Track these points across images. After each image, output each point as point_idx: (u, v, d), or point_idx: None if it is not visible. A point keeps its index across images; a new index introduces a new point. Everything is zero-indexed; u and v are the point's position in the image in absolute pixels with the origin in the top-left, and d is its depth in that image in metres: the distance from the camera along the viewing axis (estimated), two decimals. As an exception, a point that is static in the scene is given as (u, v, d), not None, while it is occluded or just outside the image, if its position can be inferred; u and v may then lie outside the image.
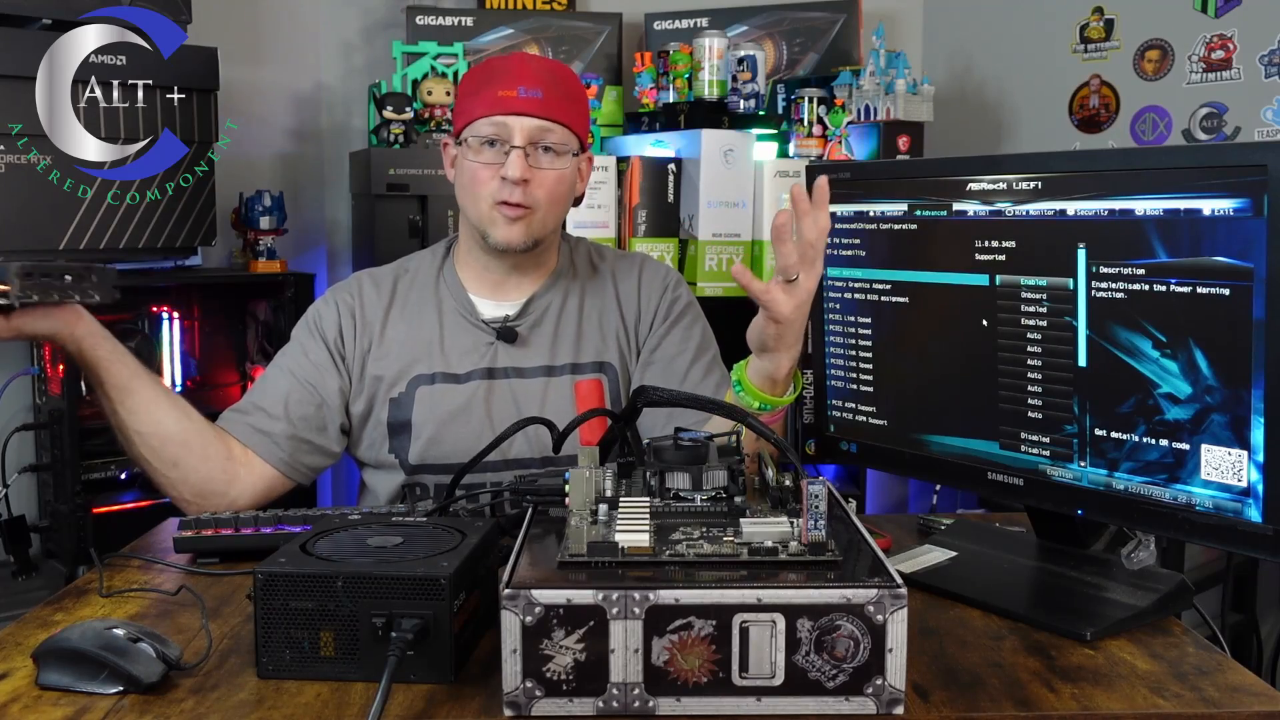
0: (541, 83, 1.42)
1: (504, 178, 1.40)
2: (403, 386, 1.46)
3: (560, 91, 1.44)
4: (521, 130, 1.40)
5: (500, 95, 1.41)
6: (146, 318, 2.43)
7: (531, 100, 1.40)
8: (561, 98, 1.43)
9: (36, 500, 2.37)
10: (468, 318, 1.49)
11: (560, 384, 1.47)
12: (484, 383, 1.47)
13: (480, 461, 1.27)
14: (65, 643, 0.92)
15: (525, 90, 1.40)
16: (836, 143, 2.46)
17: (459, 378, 1.47)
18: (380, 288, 1.52)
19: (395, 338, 1.48)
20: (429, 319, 1.49)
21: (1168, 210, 1.03)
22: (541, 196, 1.42)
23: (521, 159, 1.39)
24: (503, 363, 1.47)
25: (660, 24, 2.86)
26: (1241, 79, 2.46)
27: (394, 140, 2.40)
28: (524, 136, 1.40)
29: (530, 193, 1.41)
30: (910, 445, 1.29)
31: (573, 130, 1.44)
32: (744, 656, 0.83)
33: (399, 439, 1.46)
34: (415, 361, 1.47)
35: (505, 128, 1.40)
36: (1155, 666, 0.96)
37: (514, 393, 1.46)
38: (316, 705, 0.87)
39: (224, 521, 1.24)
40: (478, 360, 1.47)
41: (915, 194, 1.24)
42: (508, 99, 1.40)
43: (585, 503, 0.97)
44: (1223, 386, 1.00)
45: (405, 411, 1.46)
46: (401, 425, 1.46)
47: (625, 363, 1.51)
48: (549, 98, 1.41)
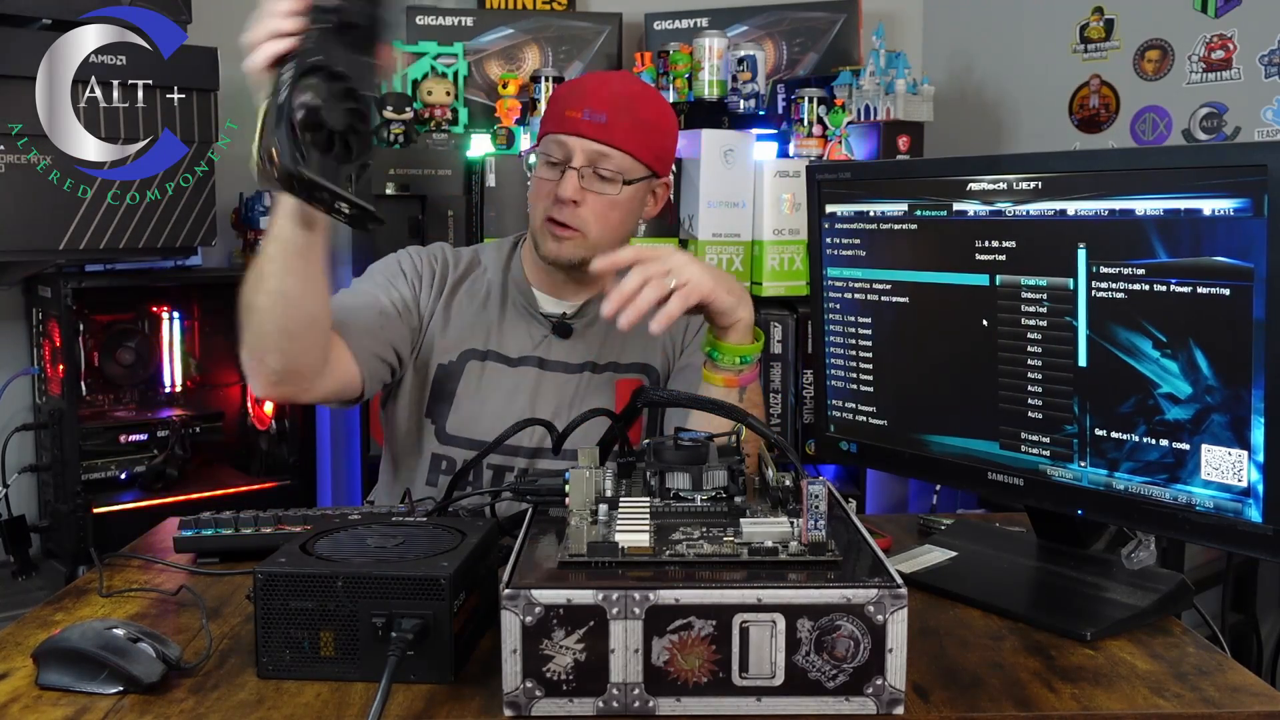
0: (609, 107, 1.43)
1: (557, 197, 1.43)
2: (454, 356, 1.49)
3: (628, 118, 1.45)
4: (579, 151, 1.43)
5: (567, 115, 1.44)
6: (146, 318, 2.43)
7: (594, 124, 1.43)
8: (630, 124, 1.44)
9: (36, 500, 2.37)
10: (528, 308, 1.53)
11: (601, 381, 1.51)
12: (534, 370, 1.50)
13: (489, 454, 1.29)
14: (65, 643, 0.92)
15: (589, 113, 1.43)
16: (836, 143, 2.46)
17: (511, 360, 1.50)
18: (459, 261, 1.56)
19: (459, 309, 1.52)
20: (493, 302, 1.53)
21: (1168, 210, 1.03)
22: (590, 219, 1.44)
23: (574, 180, 1.42)
24: (554, 356, 1.51)
25: (660, 24, 2.85)
26: (1241, 79, 2.46)
27: (394, 140, 2.40)
28: (581, 158, 1.43)
29: (579, 214, 1.44)
30: (910, 445, 1.29)
31: (636, 158, 1.45)
32: (744, 656, 0.83)
33: (438, 405, 1.49)
34: (472, 335, 1.50)
35: (565, 147, 1.44)
36: (1155, 666, 0.96)
37: (558, 385, 1.50)
38: (316, 705, 0.87)
39: (224, 521, 1.24)
40: (531, 349, 1.51)
41: (915, 194, 1.24)
42: (572, 119, 1.43)
43: (585, 503, 0.96)
44: (1223, 386, 1.00)
45: (451, 381, 1.49)
46: (445, 393, 1.49)
47: (668, 368, 1.56)
48: (613, 123, 1.43)
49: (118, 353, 2.36)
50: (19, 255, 2.10)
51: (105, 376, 2.37)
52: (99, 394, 2.38)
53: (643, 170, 1.47)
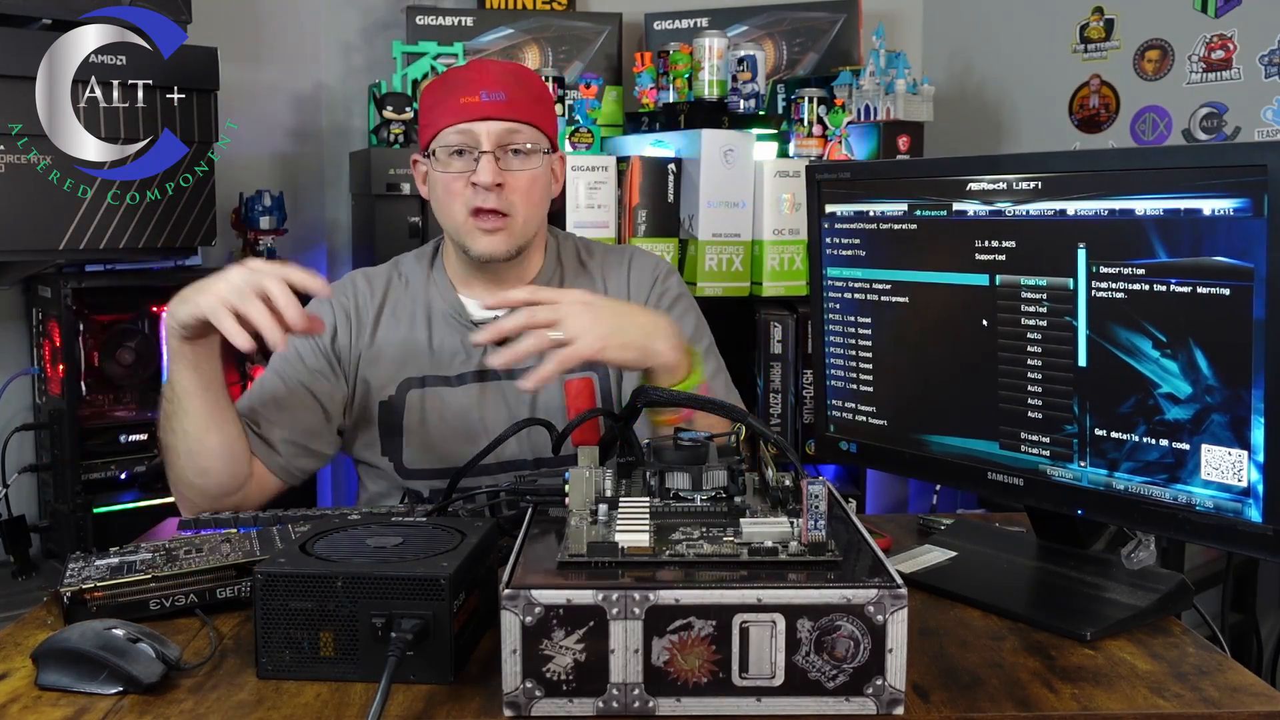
0: (504, 85, 1.40)
1: (475, 184, 1.38)
2: (393, 389, 1.45)
3: (524, 92, 1.42)
4: (489, 134, 1.38)
5: (463, 102, 1.39)
6: (146, 318, 2.42)
7: (495, 103, 1.38)
8: (526, 98, 1.41)
9: (36, 500, 2.37)
10: (458, 319, 1.48)
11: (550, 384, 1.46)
12: (476, 385, 1.45)
13: (477, 464, 1.27)
14: (65, 643, 0.92)
15: (488, 94, 1.38)
16: (836, 143, 2.46)
17: (450, 380, 1.46)
18: (374, 287, 1.51)
19: (386, 339, 1.47)
20: (419, 321, 1.48)
21: (1168, 210, 1.03)
22: (517, 200, 1.40)
23: (492, 163, 1.38)
24: (491, 364, 1.45)
25: (660, 24, 2.85)
26: (1241, 79, 2.46)
27: (394, 140, 2.40)
28: (492, 141, 1.38)
29: (505, 197, 1.39)
30: (910, 445, 1.29)
31: (541, 130, 1.42)
32: (744, 657, 0.83)
33: (391, 442, 1.45)
34: (405, 364, 1.46)
35: (471, 134, 1.39)
36: (1155, 666, 0.96)
37: (505, 394, 1.45)
38: (316, 705, 0.87)
39: (224, 521, 1.24)
40: (467, 362, 1.46)
41: (915, 194, 1.24)
42: (471, 105, 1.38)
43: (585, 503, 0.96)
44: (1223, 386, 1.00)
45: (396, 415, 1.45)
46: (393, 428, 1.45)
47: None
48: (513, 99, 1.40)
49: (118, 353, 2.36)
50: (19, 255, 2.10)
51: (105, 376, 2.36)
52: (99, 394, 2.38)
53: (547, 143, 1.43)
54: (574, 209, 2.33)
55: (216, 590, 1.06)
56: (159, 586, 1.03)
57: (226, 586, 1.06)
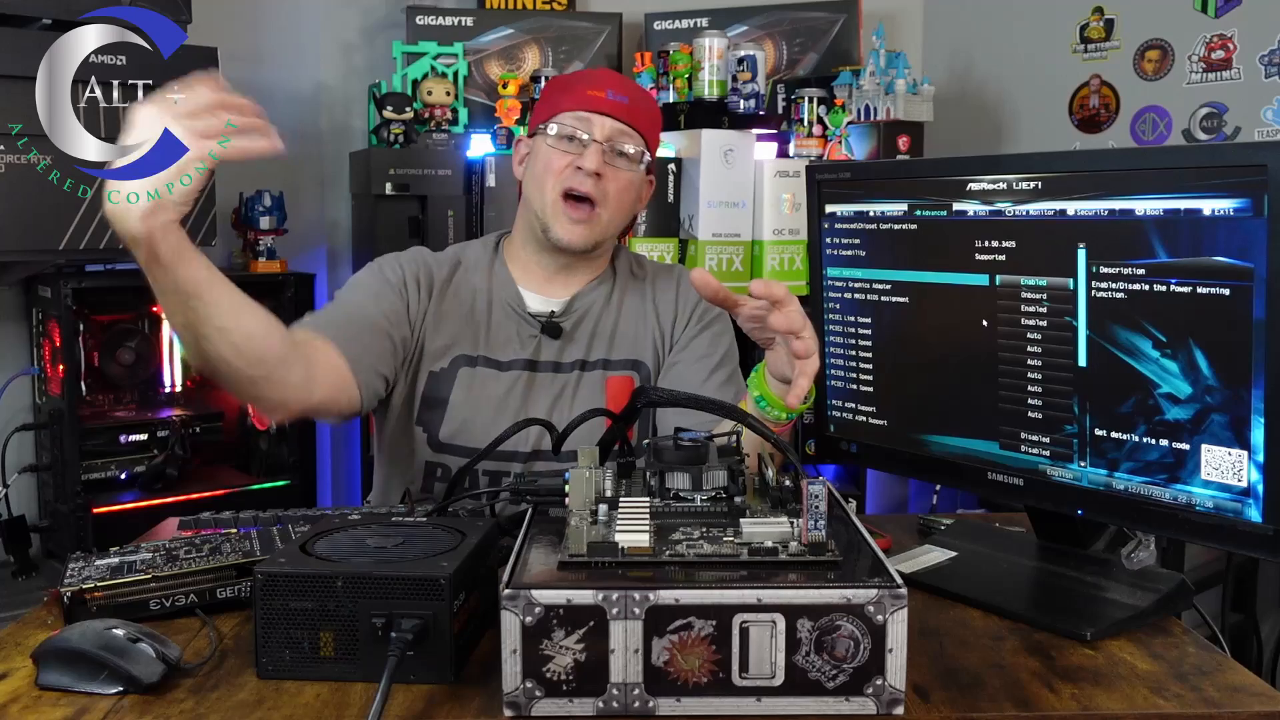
0: (629, 92, 1.48)
1: (579, 168, 1.43)
2: (445, 362, 1.47)
3: (645, 107, 1.50)
4: (603, 128, 1.45)
5: (589, 94, 1.46)
6: (146, 318, 2.43)
7: (618, 104, 1.45)
8: (645, 112, 1.50)
9: (36, 500, 2.37)
10: (515, 309, 1.51)
11: (592, 379, 1.49)
12: (524, 374, 1.48)
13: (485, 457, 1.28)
14: (65, 643, 0.92)
15: (614, 93, 1.46)
16: (836, 143, 2.47)
17: (501, 365, 1.48)
18: (441, 264, 1.54)
19: (448, 313, 1.50)
20: (480, 303, 1.52)
21: (1168, 210, 1.03)
22: (611, 194, 1.45)
23: (599, 152, 1.43)
24: (544, 356, 1.50)
25: (660, 24, 2.85)
26: (1241, 79, 2.46)
27: (394, 140, 2.40)
28: (604, 133, 1.44)
29: (601, 187, 1.44)
30: (910, 445, 1.29)
31: (648, 145, 1.49)
32: (744, 657, 0.83)
33: (431, 413, 1.47)
34: (461, 339, 1.49)
35: (588, 123, 1.45)
36: (1155, 666, 0.96)
37: (549, 386, 1.49)
38: (316, 705, 0.87)
39: (224, 521, 1.24)
40: (520, 350, 1.49)
41: (915, 194, 1.24)
42: (596, 98, 1.45)
43: (585, 503, 0.96)
44: (1223, 386, 1.00)
45: (444, 388, 1.47)
46: (437, 401, 1.47)
47: (659, 363, 1.54)
48: (634, 106, 1.47)
49: (118, 353, 2.36)
50: (19, 255, 2.10)
51: (105, 376, 2.37)
52: (99, 394, 2.38)
53: (648, 158, 1.50)
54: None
55: (216, 590, 1.06)
56: (159, 586, 1.03)
57: (226, 586, 1.06)
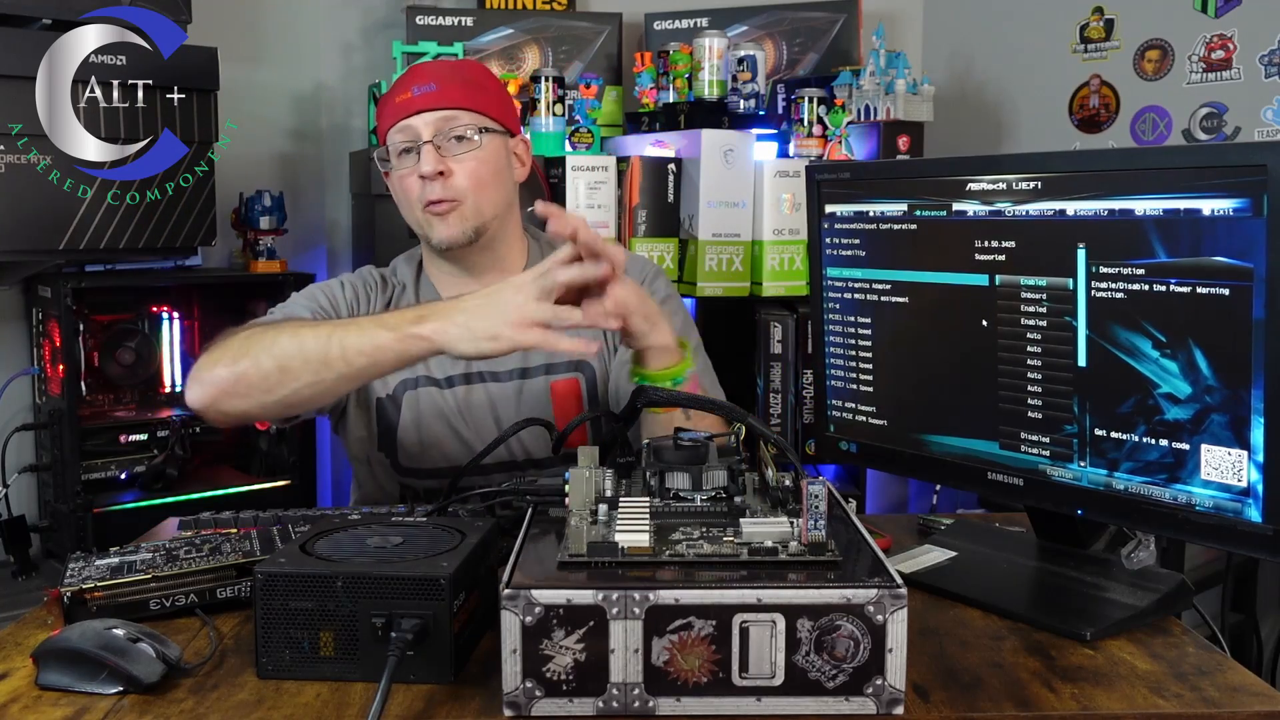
0: (435, 77, 1.43)
1: (421, 176, 1.40)
2: (390, 388, 1.46)
3: (458, 80, 1.44)
4: (425, 126, 1.40)
5: (398, 101, 1.42)
6: (146, 318, 2.43)
7: (426, 95, 1.41)
8: (460, 85, 1.43)
9: (36, 500, 2.37)
10: None
11: (535, 385, 1.47)
12: (463, 387, 1.46)
13: (478, 464, 1.27)
14: (65, 643, 0.92)
15: (419, 89, 1.41)
16: (836, 143, 2.46)
17: (439, 382, 1.46)
18: (385, 287, 1.53)
19: None
20: None
21: (1168, 210, 1.03)
22: (464, 185, 1.41)
23: (432, 153, 1.39)
24: (478, 366, 1.46)
25: (660, 24, 2.85)
26: (1241, 79, 2.46)
27: (394, 140, 2.40)
28: (429, 130, 1.40)
29: (451, 184, 1.40)
30: (910, 445, 1.29)
31: (482, 113, 1.43)
32: (744, 656, 0.83)
33: (388, 439, 1.46)
34: None
35: (410, 129, 1.41)
36: (1155, 666, 0.96)
37: (490, 396, 1.46)
38: (316, 705, 0.87)
39: (224, 521, 1.24)
40: (454, 365, 1.46)
41: (915, 194, 1.24)
42: (405, 101, 1.41)
43: (585, 503, 0.96)
44: (1223, 386, 1.00)
45: (392, 413, 1.46)
46: (389, 426, 1.46)
47: (604, 359, 1.50)
48: (445, 88, 1.42)
49: (118, 353, 2.36)
50: (19, 255, 2.10)
51: (105, 376, 2.37)
52: (99, 394, 2.38)
53: (493, 125, 1.44)
54: (574, 209, 2.33)
55: (216, 590, 1.06)
56: (159, 586, 1.03)
57: (226, 586, 1.06)
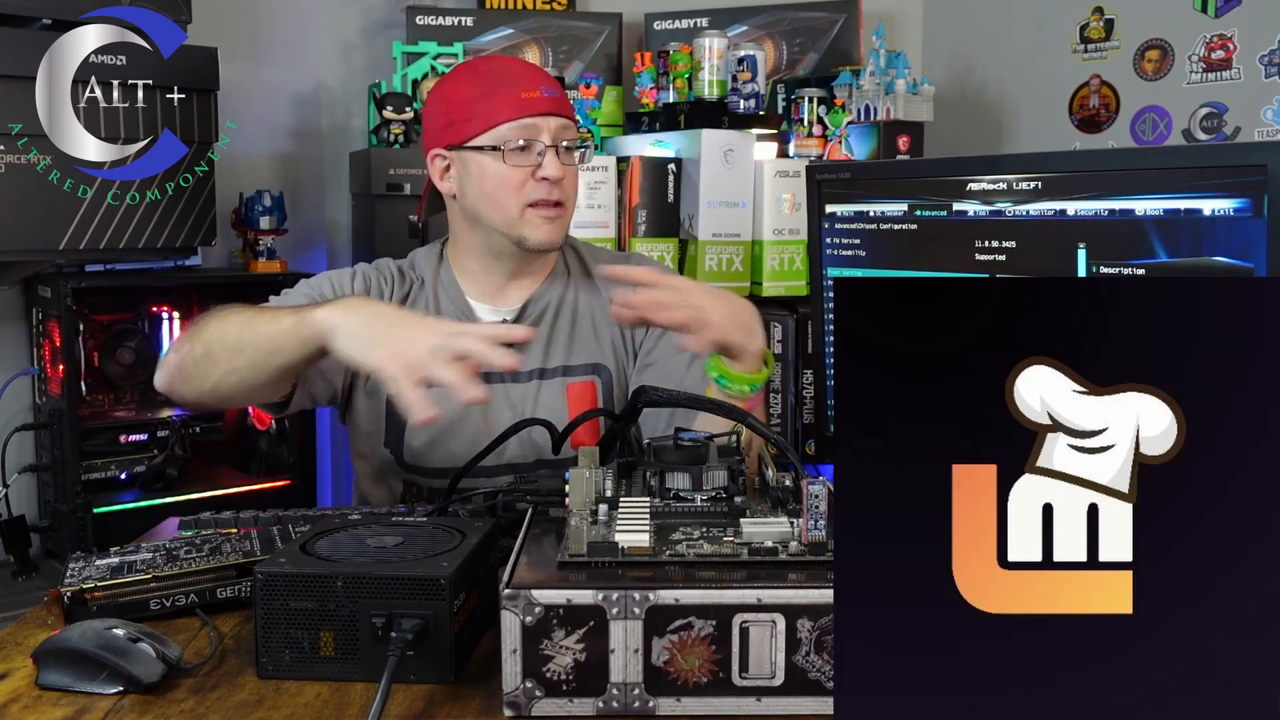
0: (554, 83, 1.44)
1: (544, 178, 1.39)
2: None
3: (562, 88, 1.46)
4: (550, 130, 1.40)
5: (524, 97, 1.40)
6: (146, 318, 2.43)
7: (554, 99, 1.41)
8: (565, 93, 1.46)
9: (36, 500, 2.37)
10: (466, 320, 1.47)
11: (552, 386, 1.46)
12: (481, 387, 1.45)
13: (477, 464, 1.27)
14: (65, 643, 0.92)
15: (547, 90, 1.41)
16: (836, 143, 2.46)
17: None
18: (402, 280, 1.51)
19: None
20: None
21: (1168, 210, 1.03)
22: (572, 193, 1.44)
23: (555, 158, 1.40)
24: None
25: (660, 24, 2.85)
26: (1241, 79, 2.46)
27: (394, 140, 2.40)
28: (551, 135, 1.40)
29: (565, 189, 1.42)
30: (910, 445, 1.29)
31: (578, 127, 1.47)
32: (744, 656, 0.83)
33: (394, 435, 1.45)
34: None
35: (536, 129, 1.40)
36: (1155, 666, 0.96)
37: (509, 397, 1.45)
38: (316, 705, 0.87)
39: (224, 521, 1.24)
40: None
41: (915, 194, 1.24)
42: (534, 100, 1.40)
43: (585, 503, 0.97)
44: (1223, 386, 0.99)
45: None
46: (399, 422, 1.45)
47: (621, 364, 1.50)
48: (562, 94, 1.44)
49: (118, 353, 2.36)
50: (19, 255, 2.10)
51: (105, 376, 2.37)
52: (99, 394, 2.38)
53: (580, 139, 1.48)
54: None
55: (217, 590, 1.06)
56: (159, 586, 1.03)
57: (227, 586, 1.06)
